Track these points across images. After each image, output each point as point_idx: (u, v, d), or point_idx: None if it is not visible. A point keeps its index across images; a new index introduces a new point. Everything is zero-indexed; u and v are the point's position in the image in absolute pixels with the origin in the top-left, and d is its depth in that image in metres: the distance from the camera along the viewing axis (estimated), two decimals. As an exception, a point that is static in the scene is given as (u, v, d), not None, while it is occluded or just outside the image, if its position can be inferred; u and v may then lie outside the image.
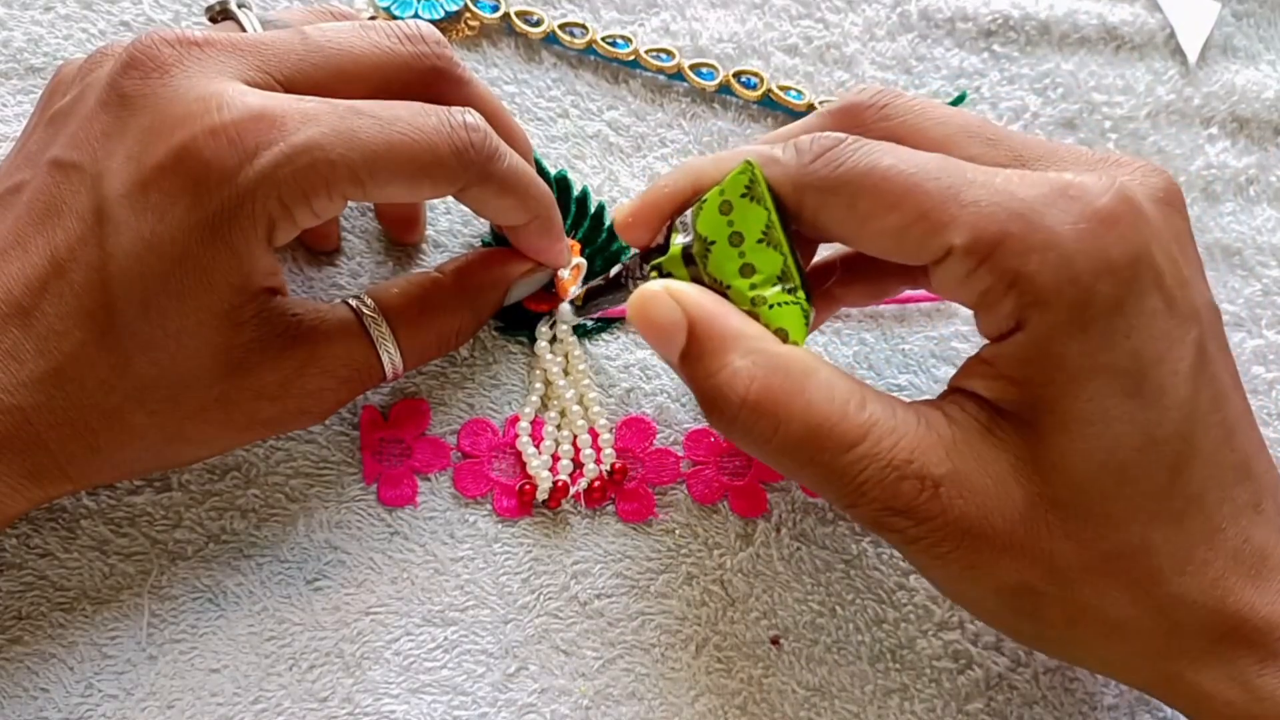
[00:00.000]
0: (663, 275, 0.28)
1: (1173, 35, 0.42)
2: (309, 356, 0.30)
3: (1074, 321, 0.24)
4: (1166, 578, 0.25)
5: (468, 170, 0.29)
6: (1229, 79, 0.41)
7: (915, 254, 0.26)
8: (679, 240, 0.28)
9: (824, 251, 0.33)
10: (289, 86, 0.28)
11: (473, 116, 0.29)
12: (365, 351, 0.31)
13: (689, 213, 0.28)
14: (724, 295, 0.27)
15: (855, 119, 0.29)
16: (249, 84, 0.28)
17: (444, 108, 0.29)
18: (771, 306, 0.27)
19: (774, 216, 0.27)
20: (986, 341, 0.27)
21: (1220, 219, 0.40)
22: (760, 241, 0.27)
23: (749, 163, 0.27)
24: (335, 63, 0.29)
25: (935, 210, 0.25)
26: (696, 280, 0.28)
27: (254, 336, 0.28)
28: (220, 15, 0.31)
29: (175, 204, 0.26)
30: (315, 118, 0.27)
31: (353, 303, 0.31)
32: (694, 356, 0.26)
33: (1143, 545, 0.25)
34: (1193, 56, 0.42)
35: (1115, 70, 0.41)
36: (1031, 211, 0.24)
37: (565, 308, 0.35)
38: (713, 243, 0.27)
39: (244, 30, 0.30)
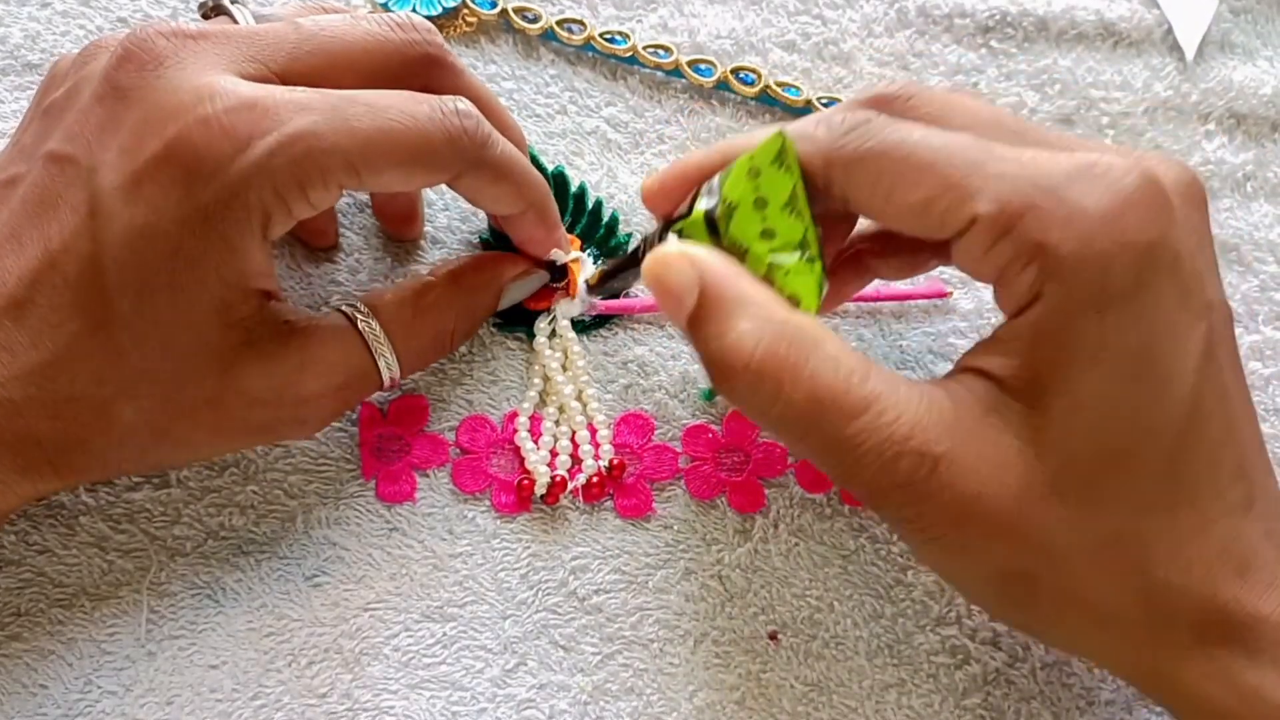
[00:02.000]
0: (682, 238, 0.28)
1: (1170, 31, 0.42)
2: (303, 362, 0.30)
3: (1091, 299, 0.24)
4: (1157, 567, 0.25)
5: (461, 157, 0.29)
6: (1226, 75, 0.41)
7: (940, 226, 0.26)
8: (702, 205, 0.28)
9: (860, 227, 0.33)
10: (283, 76, 0.28)
11: (464, 104, 0.29)
12: (361, 357, 0.31)
13: (715, 178, 0.28)
14: (742, 260, 0.27)
15: (882, 108, 0.29)
16: (243, 75, 0.28)
17: (436, 96, 0.29)
18: (787, 273, 0.27)
19: (800, 186, 0.27)
20: (981, 339, 0.27)
21: (1218, 215, 0.40)
22: (784, 208, 0.27)
23: (781, 132, 0.27)
24: (328, 51, 0.29)
25: (960, 182, 0.25)
26: (716, 247, 0.28)
27: (246, 339, 0.28)
28: (214, 11, 0.31)
29: (168, 195, 0.26)
30: (308, 107, 0.27)
31: (346, 309, 0.31)
32: (702, 319, 0.26)
33: (1136, 533, 0.25)
34: (1190, 52, 0.42)
35: (1113, 66, 0.41)
36: (1057, 186, 0.25)
37: (564, 304, 0.35)
38: (736, 206, 0.27)
39: (237, 24, 0.30)
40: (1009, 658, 0.34)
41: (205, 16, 0.32)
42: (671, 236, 0.28)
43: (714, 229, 0.28)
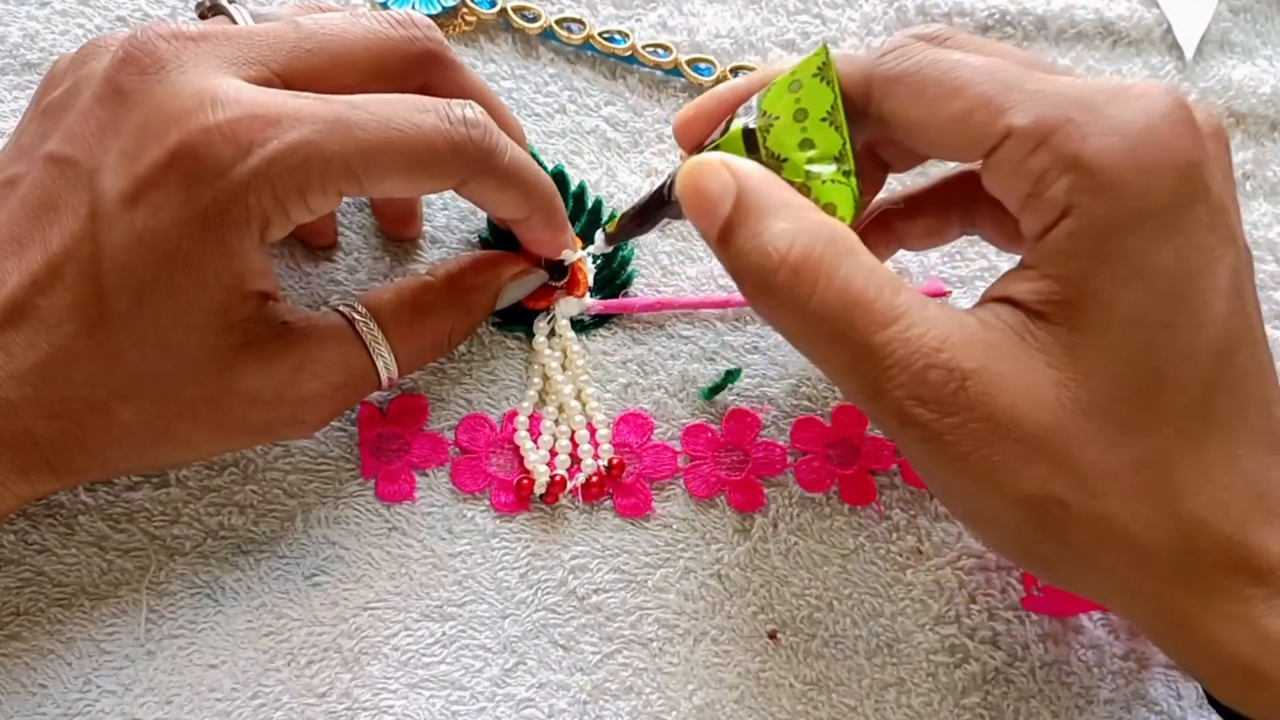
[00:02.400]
0: None
1: (1169, 30, 0.42)
2: (301, 361, 0.30)
3: (1131, 212, 0.24)
4: (1188, 495, 0.25)
5: (465, 165, 0.29)
6: (1225, 74, 0.41)
7: (976, 140, 0.26)
8: (739, 123, 0.28)
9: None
10: (284, 76, 0.28)
11: (472, 111, 0.29)
12: (359, 356, 0.31)
13: (753, 98, 0.28)
14: (779, 172, 0.27)
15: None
16: (245, 78, 0.28)
17: (444, 102, 0.29)
18: (825, 182, 0.27)
19: (840, 101, 0.27)
20: (1008, 270, 0.27)
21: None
22: (824, 120, 0.27)
23: (825, 46, 0.28)
24: (329, 49, 0.29)
25: (999, 95, 0.25)
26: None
27: (244, 340, 0.28)
28: (211, 11, 0.31)
29: (169, 199, 0.26)
30: (311, 114, 0.27)
31: (344, 310, 0.31)
32: (738, 223, 0.26)
33: (1168, 459, 0.25)
34: (1189, 51, 0.42)
35: (1112, 65, 0.41)
36: (1095, 102, 0.25)
37: (563, 304, 0.35)
38: (777, 117, 0.27)
39: (235, 24, 0.30)
40: (1008, 656, 0.34)
41: (202, 16, 0.31)
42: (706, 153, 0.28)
43: (751, 147, 0.28)
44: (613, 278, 0.37)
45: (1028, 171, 0.25)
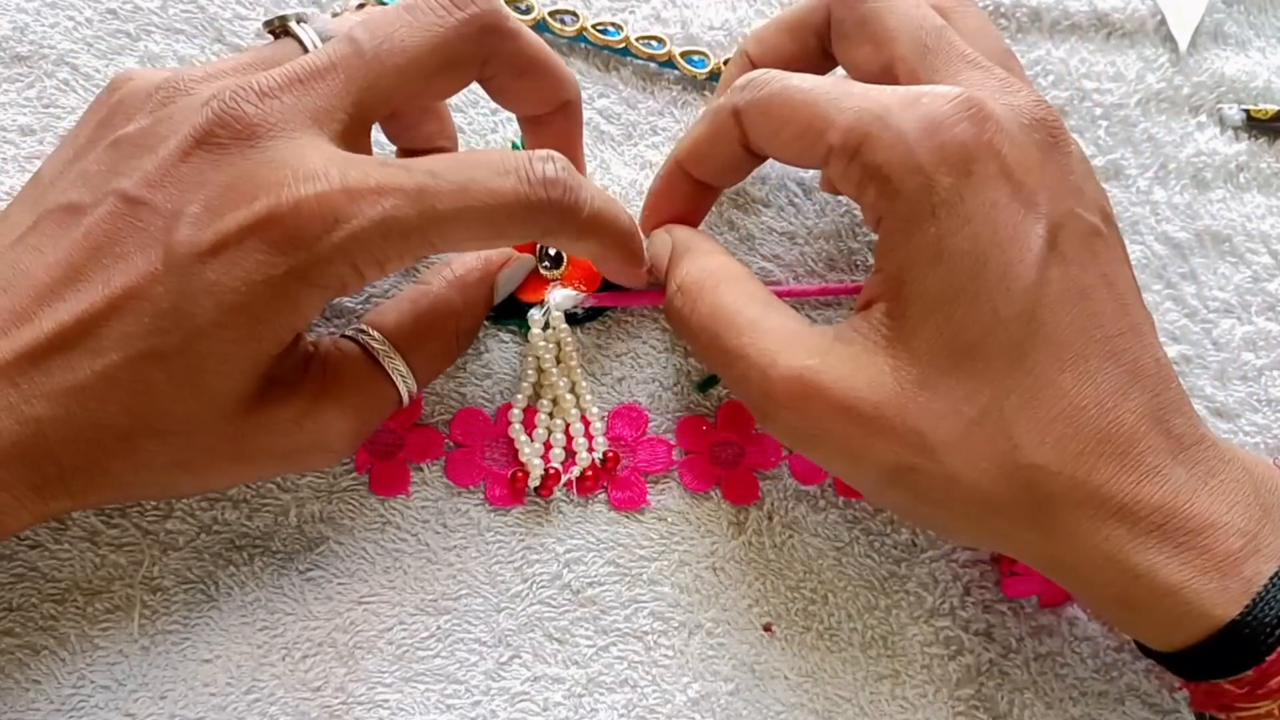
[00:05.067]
0: None
1: (1163, 22, 0.42)
2: (319, 390, 0.30)
3: (920, 209, 0.28)
4: (1025, 449, 0.27)
5: (542, 227, 0.29)
6: (1219, 66, 0.41)
7: (811, 156, 0.30)
8: None
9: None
10: (358, 114, 0.29)
11: (553, 167, 0.29)
12: (375, 377, 0.31)
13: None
14: None
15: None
16: (330, 135, 0.28)
17: (525, 158, 0.29)
18: None
19: None
20: None
21: (1210, 206, 0.40)
22: None
23: None
24: (395, 66, 0.29)
25: (820, 118, 0.29)
26: None
27: (270, 376, 0.29)
28: (280, 32, 0.31)
29: (247, 259, 0.26)
30: (394, 187, 0.27)
31: (352, 334, 0.32)
32: (671, 266, 0.33)
33: (998, 417, 0.28)
34: (1183, 44, 0.42)
35: (1106, 57, 0.41)
36: (888, 114, 0.28)
37: (557, 296, 0.35)
38: None
39: (304, 47, 0.30)
40: (1002, 649, 0.34)
41: (273, 34, 0.31)
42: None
43: None
44: (607, 271, 0.37)
45: (849, 183, 0.29)
